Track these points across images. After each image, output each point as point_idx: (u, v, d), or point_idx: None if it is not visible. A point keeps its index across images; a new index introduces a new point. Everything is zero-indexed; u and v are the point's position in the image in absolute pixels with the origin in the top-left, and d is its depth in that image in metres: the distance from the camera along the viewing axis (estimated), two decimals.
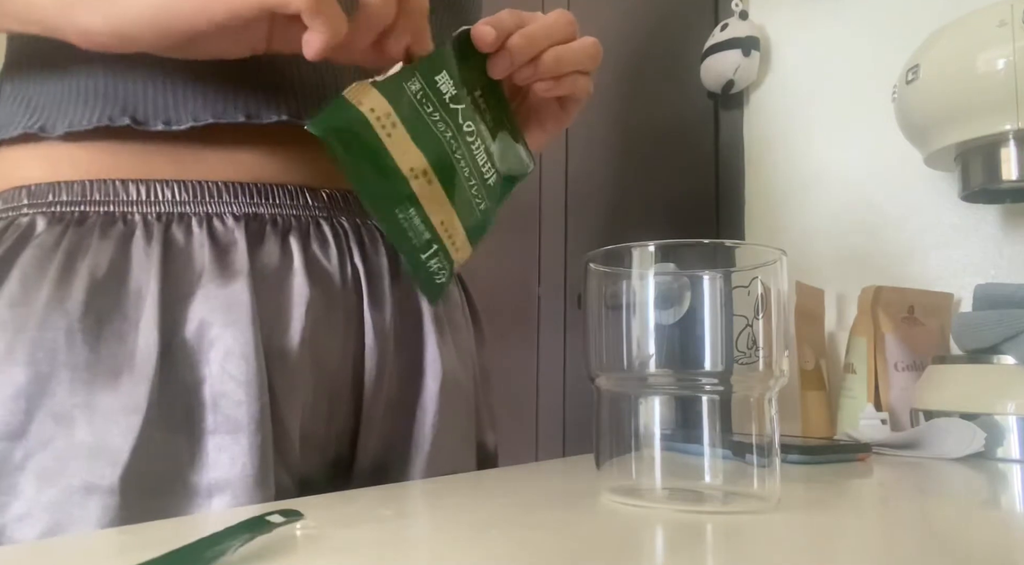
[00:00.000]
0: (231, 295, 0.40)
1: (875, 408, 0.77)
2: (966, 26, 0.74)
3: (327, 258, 0.44)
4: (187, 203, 0.42)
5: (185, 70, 0.41)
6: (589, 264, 0.37)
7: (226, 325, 0.39)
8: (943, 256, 0.90)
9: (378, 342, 0.45)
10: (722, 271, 0.34)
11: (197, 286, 0.40)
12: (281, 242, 0.43)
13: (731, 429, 0.34)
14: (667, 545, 0.28)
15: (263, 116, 0.42)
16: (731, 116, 1.13)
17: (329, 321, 0.44)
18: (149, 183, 0.41)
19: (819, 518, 0.33)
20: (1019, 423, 0.60)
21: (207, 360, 0.39)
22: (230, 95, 0.42)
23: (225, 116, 0.41)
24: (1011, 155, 0.73)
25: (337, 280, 0.44)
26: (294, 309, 0.42)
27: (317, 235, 0.45)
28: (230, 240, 0.42)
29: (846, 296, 0.96)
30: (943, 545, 0.30)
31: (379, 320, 0.45)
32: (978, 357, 0.67)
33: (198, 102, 0.41)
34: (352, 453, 0.45)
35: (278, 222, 0.43)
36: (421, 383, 0.47)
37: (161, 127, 0.41)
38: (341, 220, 0.46)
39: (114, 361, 0.37)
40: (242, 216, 0.42)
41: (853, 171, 0.99)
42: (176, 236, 0.41)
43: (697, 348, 0.33)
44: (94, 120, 0.41)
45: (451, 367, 0.49)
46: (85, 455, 0.36)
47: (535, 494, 0.37)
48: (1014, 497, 0.45)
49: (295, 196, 0.44)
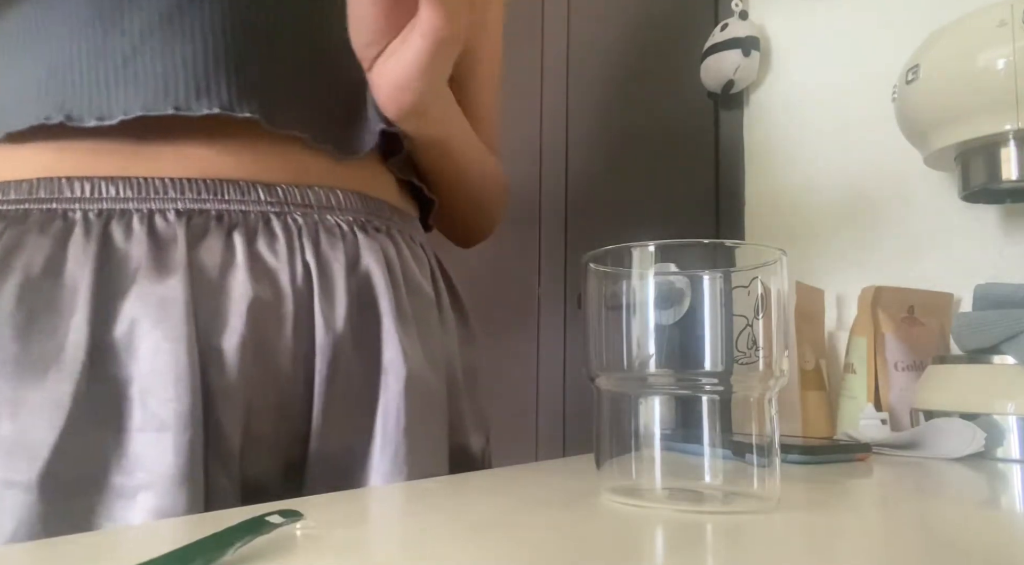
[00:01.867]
0: (165, 292, 0.40)
1: (875, 408, 0.77)
2: (966, 26, 0.74)
3: (275, 255, 0.44)
4: (131, 200, 0.42)
5: (116, 64, 0.41)
6: (589, 264, 0.37)
7: (157, 322, 0.39)
8: (943, 256, 0.90)
9: (330, 340, 0.44)
10: (722, 271, 0.34)
11: (132, 283, 0.40)
12: (225, 238, 0.43)
13: (731, 429, 0.34)
14: (667, 545, 0.28)
15: (193, 108, 0.42)
16: (731, 116, 1.13)
17: (276, 319, 0.43)
18: (94, 180, 0.42)
19: (819, 518, 0.33)
20: (1019, 423, 0.60)
21: (136, 357, 0.39)
22: (160, 87, 0.42)
23: (154, 108, 0.41)
24: (1011, 155, 0.73)
25: (285, 277, 0.44)
26: (234, 307, 0.41)
27: (265, 231, 0.44)
28: (170, 236, 0.41)
29: (846, 296, 0.96)
30: (943, 545, 0.30)
31: (331, 317, 0.44)
32: (978, 357, 0.67)
33: (128, 95, 0.41)
34: (305, 455, 0.44)
35: (223, 218, 0.43)
36: (382, 383, 0.46)
37: (94, 123, 0.41)
38: (296, 216, 0.45)
39: (42, 357, 0.37)
40: (185, 212, 0.42)
41: (853, 171, 0.99)
42: (114, 233, 0.41)
43: (697, 348, 0.33)
44: (30, 119, 0.41)
45: (417, 366, 0.47)
46: (3, 450, 0.35)
47: (535, 494, 0.37)
48: (1014, 497, 0.45)
49: (247, 192, 0.44)
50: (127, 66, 0.42)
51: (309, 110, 0.46)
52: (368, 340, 0.46)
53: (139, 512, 0.37)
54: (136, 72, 0.42)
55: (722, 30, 1.07)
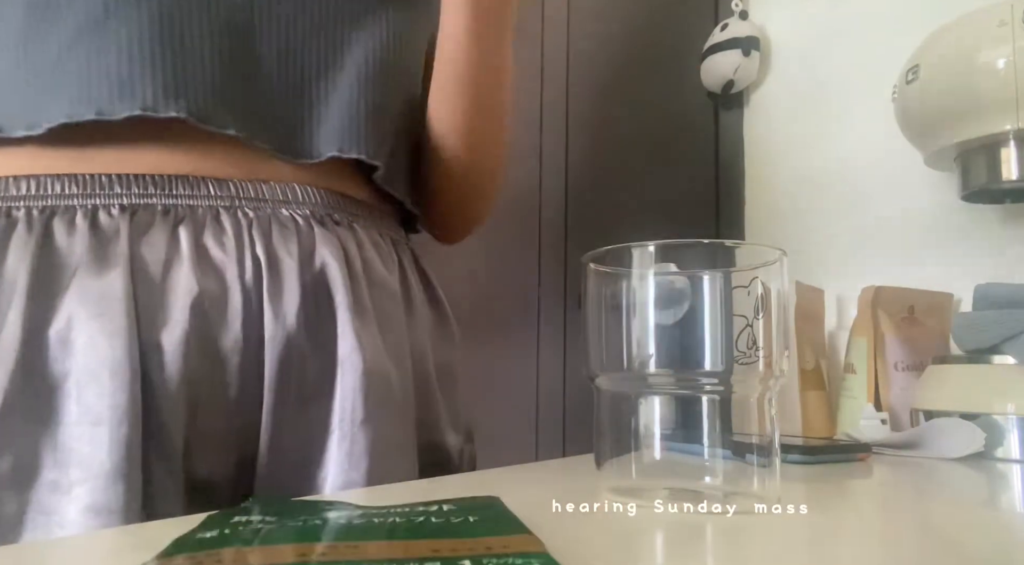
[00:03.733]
0: (104, 286, 0.40)
1: (875, 408, 0.77)
2: (966, 26, 0.74)
3: (222, 249, 0.44)
4: (75, 196, 0.42)
5: (43, 73, 0.42)
6: (589, 264, 0.37)
7: (95, 316, 0.39)
8: (943, 256, 0.90)
9: (280, 333, 0.44)
10: (722, 271, 0.34)
11: (72, 279, 0.40)
12: (170, 232, 0.43)
13: (731, 429, 0.34)
14: (667, 545, 0.28)
15: (116, 111, 0.42)
16: (731, 116, 1.13)
17: (221, 314, 0.42)
18: (40, 178, 0.42)
19: (819, 518, 0.33)
20: (1019, 423, 0.60)
21: (73, 352, 0.39)
22: (83, 92, 0.42)
23: (76, 114, 0.41)
24: (1011, 155, 0.73)
25: (233, 271, 0.43)
26: (177, 301, 0.41)
27: (214, 225, 0.44)
28: (112, 231, 0.41)
29: (846, 296, 0.96)
30: (943, 545, 0.30)
31: (280, 311, 0.44)
32: (978, 357, 0.67)
33: (52, 102, 0.42)
34: (255, 448, 0.43)
35: (170, 212, 0.43)
36: (337, 378, 0.45)
37: (23, 132, 0.42)
38: (247, 210, 0.45)
39: None
40: (129, 207, 0.42)
41: (853, 171, 0.99)
42: (56, 230, 0.41)
43: (697, 348, 0.33)
44: None
45: (376, 359, 0.46)
46: None
47: (535, 494, 0.37)
48: (1014, 497, 0.45)
49: (196, 187, 0.44)
50: (53, 74, 0.42)
51: (242, 111, 0.46)
52: (322, 333, 0.46)
53: (74, 507, 0.36)
54: (60, 80, 0.42)
55: (722, 30, 1.07)
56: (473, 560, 0.20)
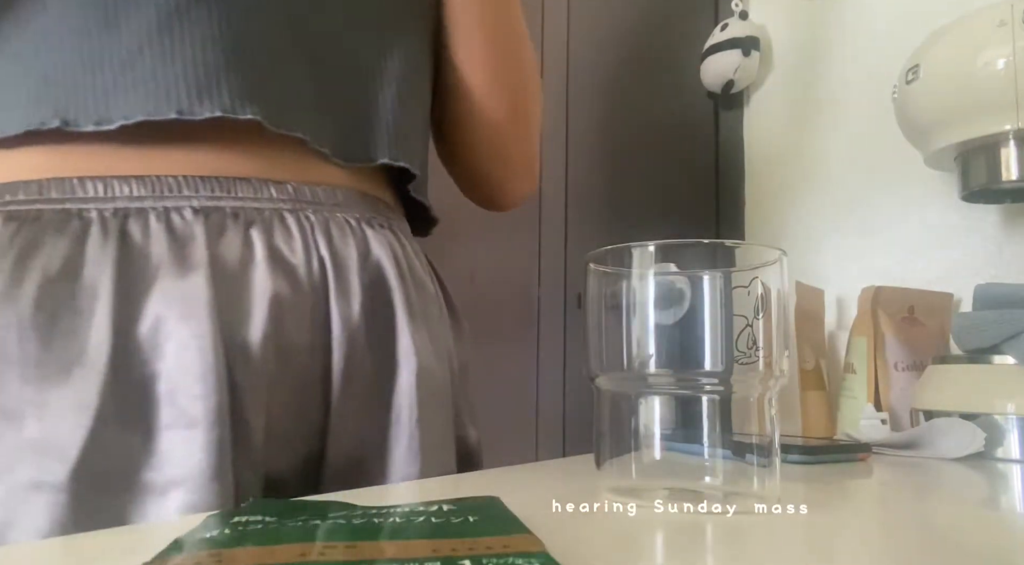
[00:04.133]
0: (188, 288, 0.40)
1: (875, 408, 0.77)
2: (966, 26, 0.74)
3: (291, 251, 0.44)
4: (145, 198, 0.42)
5: (114, 69, 0.41)
6: (589, 264, 0.37)
7: (182, 319, 0.39)
8: (943, 256, 0.90)
9: (346, 334, 0.45)
10: (722, 271, 0.34)
11: (154, 281, 0.40)
12: (243, 235, 0.43)
13: (731, 429, 0.34)
14: (667, 545, 0.28)
15: (195, 112, 0.41)
16: (731, 116, 1.13)
17: (295, 314, 0.43)
18: (107, 180, 0.41)
19: (819, 518, 0.33)
20: (1019, 423, 0.60)
21: (162, 354, 0.39)
22: (161, 92, 0.41)
23: (157, 113, 0.41)
24: (1011, 155, 0.73)
25: (303, 273, 0.44)
26: (256, 302, 0.42)
27: (281, 228, 0.44)
28: (188, 234, 0.41)
29: (846, 296, 0.96)
30: (943, 545, 0.30)
31: (347, 312, 0.45)
32: (978, 357, 0.67)
33: (128, 100, 0.41)
34: (323, 449, 0.44)
35: (239, 215, 0.43)
36: (396, 376, 0.47)
37: (92, 127, 0.41)
38: (307, 213, 0.46)
39: (65, 357, 0.37)
40: (201, 209, 0.42)
41: (853, 171, 0.99)
42: (132, 231, 0.41)
43: (697, 348, 0.33)
44: (24, 124, 0.41)
45: (427, 360, 0.48)
46: (33, 452, 0.35)
47: (535, 494, 0.37)
48: (1014, 497, 0.45)
49: (259, 189, 0.44)
50: (125, 71, 0.41)
51: (306, 114, 0.46)
52: (382, 333, 0.47)
53: (171, 509, 0.37)
54: (136, 77, 0.41)
55: (722, 30, 1.07)
56: (473, 560, 0.20)
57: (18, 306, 0.37)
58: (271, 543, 0.23)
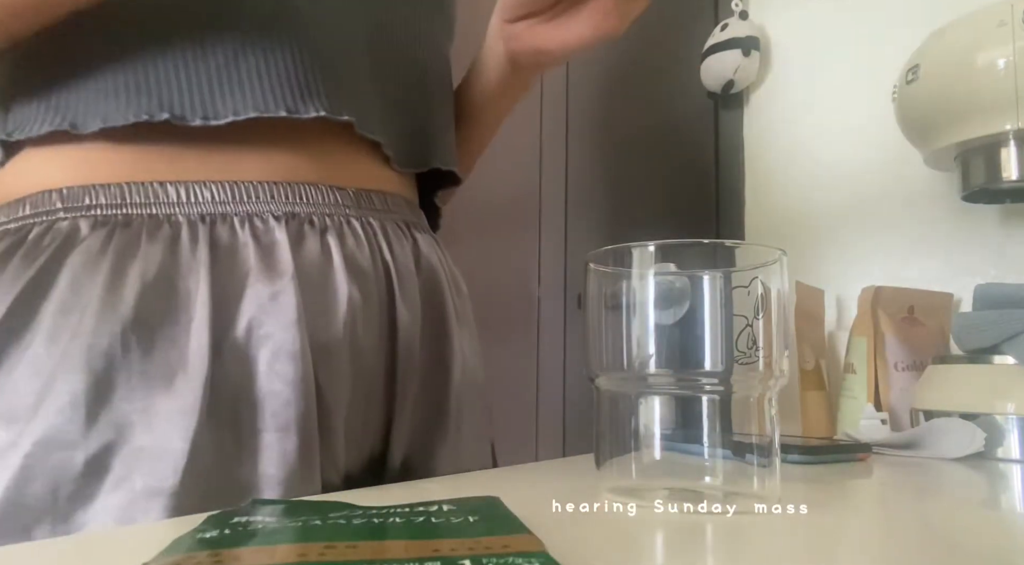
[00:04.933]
0: (278, 295, 0.40)
1: (875, 408, 0.77)
2: (966, 26, 0.74)
3: (362, 256, 0.45)
4: (227, 203, 0.42)
5: (218, 65, 0.41)
6: (589, 264, 0.37)
7: (274, 325, 0.39)
8: (943, 256, 0.90)
9: (406, 337, 0.46)
10: (722, 271, 0.34)
11: (245, 286, 0.40)
12: (320, 240, 0.43)
13: (731, 429, 0.34)
14: (667, 545, 0.28)
15: (301, 111, 0.42)
16: (731, 116, 1.13)
17: (366, 317, 0.44)
18: (187, 184, 0.41)
19: (819, 518, 0.33)
20: (1019, 423, 0.60)
21: (256, 359, 0.39)
22: (267, 89, 0.41)
23: (267, 110, 0.41)
24: (1011, 155, 0.73)
25: (372, 276, 0.45)
26: (337, 306, 0.42)
27: (351, 232, 0.45)
28: (272, 240, 0.42)
29: (846, 296, 0.96)
30: (943, 545, 0.30)
31: (408, 315, 0.46)
32: (978, 357, 0.67)
33: (238, 96, 0.41)
34: (384, 448, 0.46)
35: (314, 221, 0.44)
36: (447, 378, 0.48)
37: (199, 122, 0.40)
38: (369, 218, 0.46)
39: (167, 364, 0.37)
40: (281, 216, 0.42)
41: (853, 171, 0.99)
42: (221, 237, 0.41)
43: (697, 348, 0.33)
44: (130, 116, 0.40)
45: (471, 362, 0.50)
46: (146, 459, 0.36)
47: (535, 494, 0.37)
48: (1014, 497, 0.45)
49: (325, 195, 0.45)
50: (230, 68, 0.41)
51: (379, 119, 0.48)
52: (434, 335, 0.48)
53: None
54: (241, 74, 0.41)
55: (722, 30, 1.07)
56: (473, 560, 0.20)
57: (119, 314, 0.37)
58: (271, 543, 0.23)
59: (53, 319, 0.37)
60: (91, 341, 0.36)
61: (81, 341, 0.36)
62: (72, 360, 0.36)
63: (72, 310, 0.37)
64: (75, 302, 0.37)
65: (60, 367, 0.36)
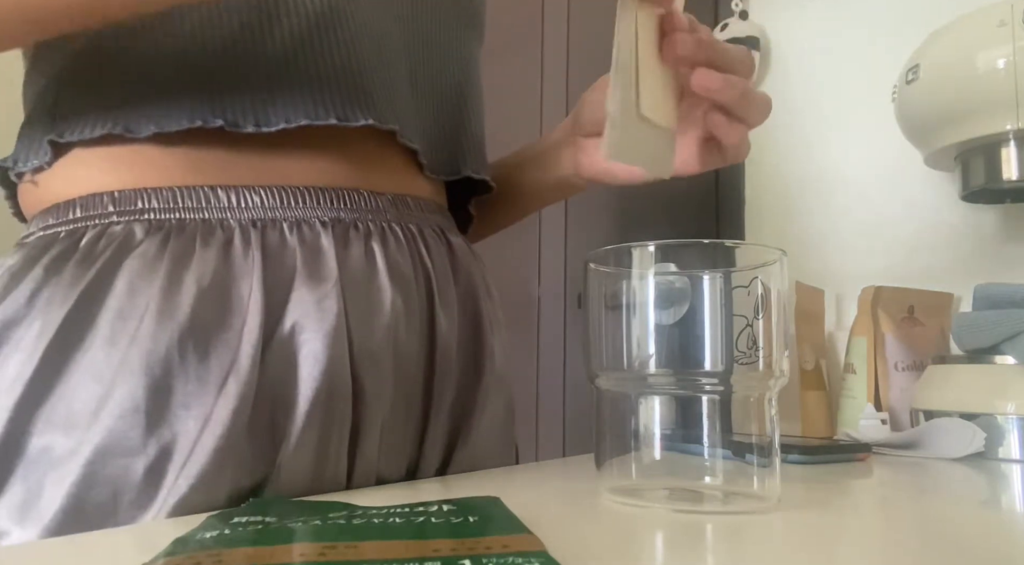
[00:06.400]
0: (321, 300, 0.40)
1: (875, 408, 0.77)
2: (966, 26, 0.74)
3: (403, 260, 0.45)
4: (276, 208, 0.42)
5: (269, 72, 0.41)
6: (589, 264, 0.37)
7: (316, 330, 0.39)
8: (943, 256, 0.90)
9: (444, 343, 0.46)
10: (722, 271, 0.34)
11: (291, 290, 0.40)
12: (364, 246, 0.43)
13: (731, 429, 0.34)
14: (667, 545, 0.28)
15: (351, 118, 0.42)
16: None
17: (408, 323, 0.44)
18: (237, 189, 0.41)
19: (819, 518, 0.33)
20: (1019, 423, 0.60)
21: (296, 362, 0.39)
22: (318, 97, 0.41)
23: (318, 118, 0.41)
24: (1011, 155, 0.73)
25: (413, 282, 0.45)
26: (381, 312, 0.42)
27: (393, 238, 0.45)
28: (318, 246, 0.42)
29: (846, 296, 0.96)
30: (943, 545, 0.30)
31: (446, 321, 0.46)
32: (978, 357, 0.67)
33: (289, 103, 0.41)
34: (420, 454, 0.46)
35: (359, 227, 0.44)
36: (480, 384, 0.48)
37: (251, 129, 0.40)
38: (408, 224, 0.46)
39: (221, 369, 0.37)
40: (328, 222, 0.43)
41: (853, 171, 0.99)
42: (271, 242, 0.41)
43: (697, 348, 0.33)
44: (184, 122, 0.40)
45: (502, 365, 0.51)
46: (195, 464, 0.36)
47: (535, 494, 0.37)
48: (1014, 497, 0.45)
49: (367, 200, 0.45)
50: (281, 75, 0.41)
51: (422, 125, 0.48)
52: (469, 341, 0.49)
53: None
54: (292, 82, 0.41)
55: (722, 30, 1.07)
56: (473, 560, 0.20)
57: (176, 320, 0.37)
58: (271, 543, 0.23)
59: (111, 325, 0.37)
60: (150, 347, 0.36)
61: (139, 347, 0.36)
62: (131, 366, 0.36)
63: (130, 316, 0.37)
64: (132, 308, 0.37)
65: (119, 374, 0.36)
